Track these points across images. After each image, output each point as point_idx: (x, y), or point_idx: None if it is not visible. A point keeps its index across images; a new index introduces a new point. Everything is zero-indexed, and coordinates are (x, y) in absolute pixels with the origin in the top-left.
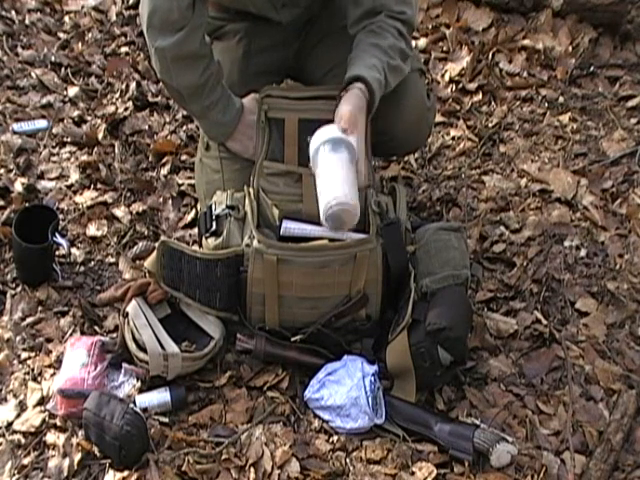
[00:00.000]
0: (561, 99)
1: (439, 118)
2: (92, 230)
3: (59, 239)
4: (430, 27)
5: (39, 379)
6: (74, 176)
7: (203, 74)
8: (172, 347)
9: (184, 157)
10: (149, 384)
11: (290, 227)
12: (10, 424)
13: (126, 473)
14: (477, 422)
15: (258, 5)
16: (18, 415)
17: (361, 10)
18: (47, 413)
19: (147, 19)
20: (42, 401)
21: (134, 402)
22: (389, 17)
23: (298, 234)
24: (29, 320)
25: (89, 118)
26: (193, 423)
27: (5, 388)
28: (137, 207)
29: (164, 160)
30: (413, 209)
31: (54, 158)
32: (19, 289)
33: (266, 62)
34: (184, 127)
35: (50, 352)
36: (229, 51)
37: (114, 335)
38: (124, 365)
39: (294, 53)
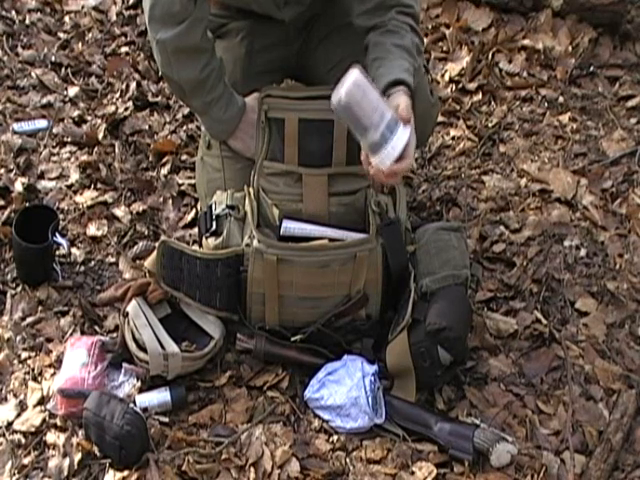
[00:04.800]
0: (561, 99)
1: (439, 118)
2: (92, 230)
3: (59, 239)
4: (430, 27)
5: (39, 379)
6: (74, 176)
7: (204, 69)
8: (172, 347)
9: (184, 157)
10: (149, 384)
11: (290, 227)
12: (10, 424)
13: (126, 473)
14: (477, 422)
15: (261, 3)
16: (18, 415)
17: (370, 4)
18: (47, 413)
19: (149, 11)
20: (42, 401)
21: (134, 402)
22: (399, 13)
23: (298, 234)
24: (29, 320)
25: (89, 118)
26: (193, 423)
27: (5, 388)
28: (137, 207)
29: (164, 160)
30: (413, 209)
31: (54, 158)
32: (19, 289)
33: (269, 60)
34: (184, 127)
35: (50, 352)
36: (232, 50)
37: (114, 335)
38: (124, 365)
39: (297, 51)
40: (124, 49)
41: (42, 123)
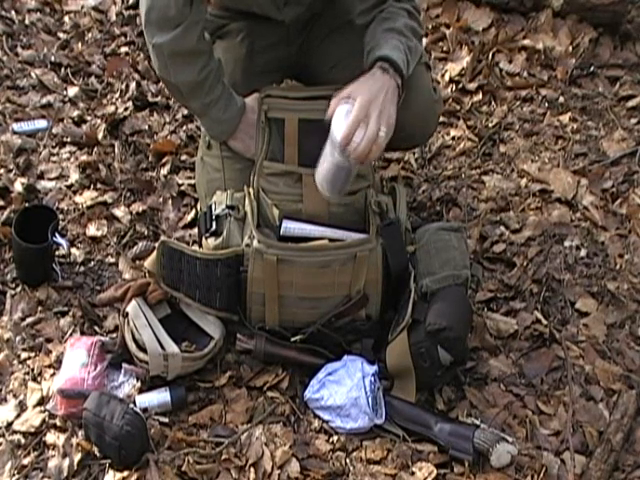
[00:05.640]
0: (561, 99)
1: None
2: (92, 230)
3: (59, 239)
4: (430, 27)
5: (39, 379)
6: (74, 176)
7: (202, 71)
8: (172, 347)
9: (184, 157)
10: (149, 384)
11: (290, 227)
12: (10, 424)
13: (126, 473)
14: (477, 422)
15: (261, 5)
16: (18, 415)
17: (369, 3)
18: (47, 413)
19: (145, 15)
20: (42, 401)
21: (134, 402)
22: (397, 1)
23: (298, 234)
24: (29, 320)
25: (89, 118)
26: (193, 423)
27: (5, 388)
28: (137, 207)
29: (164, 160)
30: (413, 209)
31: (54, 158)
32: (19, 289)
33: (269, 61)
34: (184, 127)
35: (50, 352)
36: (232, 50)
37: (114, 335)
38: (124, 365)
39: (297, 51)
40: (124, 49)
41: (42, 123)
